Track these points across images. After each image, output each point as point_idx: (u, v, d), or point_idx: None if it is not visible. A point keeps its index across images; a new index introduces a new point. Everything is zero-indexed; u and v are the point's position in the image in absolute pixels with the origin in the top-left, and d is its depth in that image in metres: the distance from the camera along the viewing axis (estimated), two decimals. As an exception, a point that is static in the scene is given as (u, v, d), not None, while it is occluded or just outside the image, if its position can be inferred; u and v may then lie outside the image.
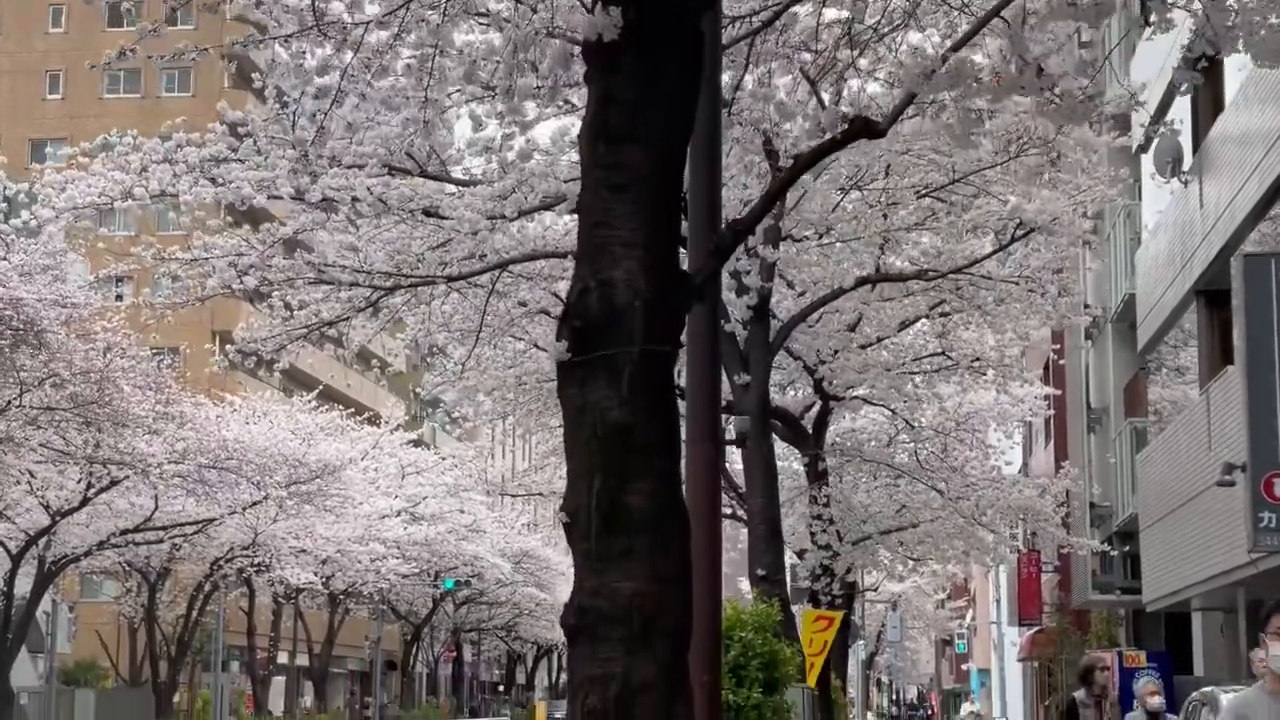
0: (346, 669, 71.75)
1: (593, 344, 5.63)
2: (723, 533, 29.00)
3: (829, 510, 21.90)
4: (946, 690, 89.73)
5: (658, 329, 5.64)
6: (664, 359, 5.68)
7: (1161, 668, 23.14)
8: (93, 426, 32.10)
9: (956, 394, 25.32)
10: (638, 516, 5.56)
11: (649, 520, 5.57)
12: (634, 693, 5.48)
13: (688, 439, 7.85)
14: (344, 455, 43.89)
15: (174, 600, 50.44)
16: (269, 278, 16.42)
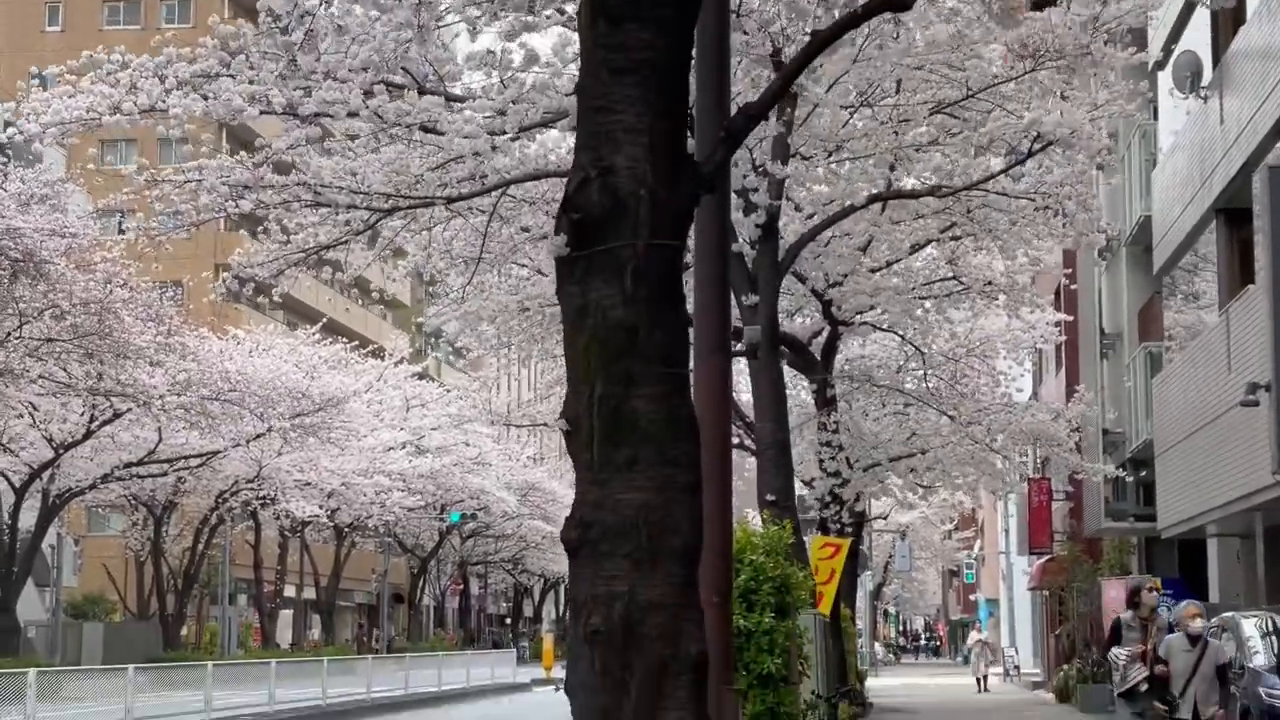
0: (354, 602, 71.73)
1: (594, 237, 5.22)
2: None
3: (838, 437, 21.54)
4: (954, 620, 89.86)
5: (664, 221, 5.22)
6: (671, 254, 5.26)
7: (1177, 595, 22.82)
8: (94, 358, 31.80)
9: (967, 319, 24.94)
10: (643, 423, 5.16)
11: (655, 428, 5.17)
12: (641, 612, 5.11)
13: (695, 350, 7.46)
14: (348, 388, 43.67)
15: (180, 534, 50.36)
16: (264, 200, 16.02)
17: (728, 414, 7.37)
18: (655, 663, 5.11)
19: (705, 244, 6.67)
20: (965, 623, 76.55)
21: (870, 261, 20.30)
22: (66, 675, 23.69)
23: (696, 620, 5.22)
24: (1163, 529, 24.46)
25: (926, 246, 21.04)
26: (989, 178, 15.75)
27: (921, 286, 21.83)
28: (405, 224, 18.55)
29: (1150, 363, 26.07)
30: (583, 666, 5.18)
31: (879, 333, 24.05)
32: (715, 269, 6.72)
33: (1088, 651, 31.06)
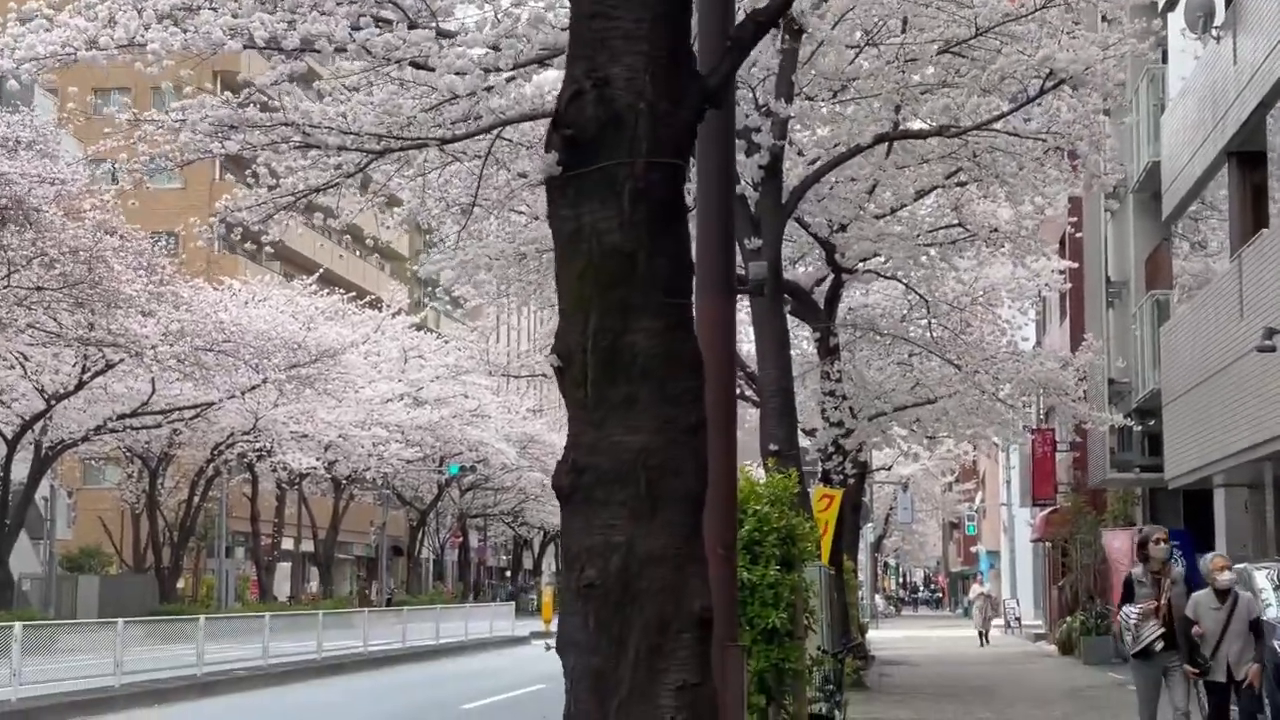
0: (352, 555, 71.55)
1: (588, 155, 4.76)
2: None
3: (841, 386, 21.13)
4: (954, 572, 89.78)
5: (664, 138, 4.77)
6: (672, 174, 4.81)
7: (1184, 545, 22.50)
8: (84, 307, 31.35)
9: (972, 268, 24.51)
10: (642, 359, 4.72)
11: (656, 363, 4.73)
12: (640, 565, 4.69)
13: (698, 286, 7.01)
14: (345, 339, 43.23)
15: (176, 486, 50.07)
16: (251, 142, 15.54)
17: (732, 353, 6.93)
18: (655, 620, 4.69)
19: (708, 171, 6.20)
20: (966, 575, 76.43)
21: (875, 208, 19.88)
22: (56, 629, 23.34)
23: (701, 574, 4.80)
24: (1170, 479, 24.07)
25: (931, 193, 20.58)
26: (998, 117, 15.26)
27: (926, 234, 21.38)
28: (398, 168, 18.10)
29: (1157, 311, 25.63)
30: (575, 623, 4.76)
31: (882, 281, 23.65)
32: (719, 199, 6.26)
33: (1091, 603, 30.80)
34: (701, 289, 6.95)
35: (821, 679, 11.70)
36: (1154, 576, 12.50)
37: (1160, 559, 12.56)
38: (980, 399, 23.26)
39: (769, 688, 9.10)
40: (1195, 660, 12.32)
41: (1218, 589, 12.37)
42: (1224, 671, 12.30)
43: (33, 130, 30.30)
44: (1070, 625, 31.54)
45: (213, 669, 25.40)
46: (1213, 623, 12.32)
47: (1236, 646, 12.29)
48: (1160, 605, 12.35)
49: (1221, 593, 12.36)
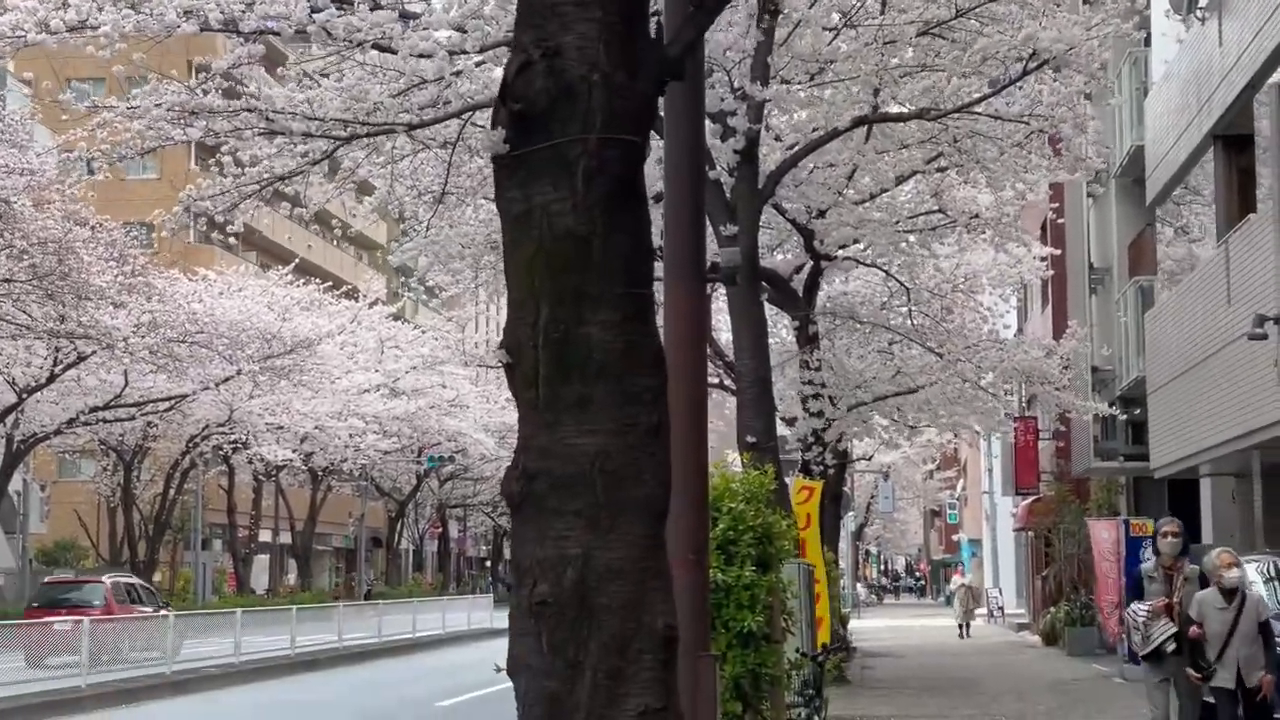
0: (331, 546, 71.09)
1: (538, 131, 4.36)
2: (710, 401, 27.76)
3: (820, 375, 20.74)
4: (935, 560, 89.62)
5: (621, 112, 4.36)
6: (630, 151, 4.40)
7: (1170, 536, 22.15)
8: (54, 299, 30.87)
9: (953, 254, 24.14)
10: (598, 354, 4.32)
11: (613, 358, 4.33)
12: (597, 579, 4.29)
13: (667, 275, 6.61)
14: (320, 329, 42.79)
15: (153, 479, 49.62)
16: (214, 128, 15.11)
17: (703, 346, 6.52)
18: (615, 639, 4.29)
19: (677, 150, 5.80)
20: (948, 562, 76.26)
21: (854, 194, 19.49)
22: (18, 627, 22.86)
23: (663, 588, 4.40)
24: (1155, 468, 23.75)
25: (911, 179, 20.20)
26: (980, 99, 14.86)
27: (906, 220, 21.01)
28: (367, 154, 17.69)
29: (1141, 297, 25.30)
30: (527, 644, 4.35)
31: (862, 269, 23.28)
32: (688, 180, 5.85)
33: (1075, 594, 30.50)
34: (671, 278, 6.54)
35: (801, 683, 11.32)
36: (1165, 572, 11.61)
37: (1171, 554, 11.64)
38: (962, 388, 22.90)
39: (745, 694, 8.72)
40: (1198, 664, 11.41)
41: (1224, 588, 11.35)
42: (1233, 677, 11.29)
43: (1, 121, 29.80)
44: (1054, 616, 31.25)
45: (184, 667, 24.97)
46: (1219, 624, 11.31)
47: (1246, 650, 11.28)
48: (1172, 603, 11.45)
49: (1228, 592, 11.33)
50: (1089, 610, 29.52)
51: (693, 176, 5.76)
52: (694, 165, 5.76)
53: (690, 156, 5.87)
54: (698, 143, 5.94)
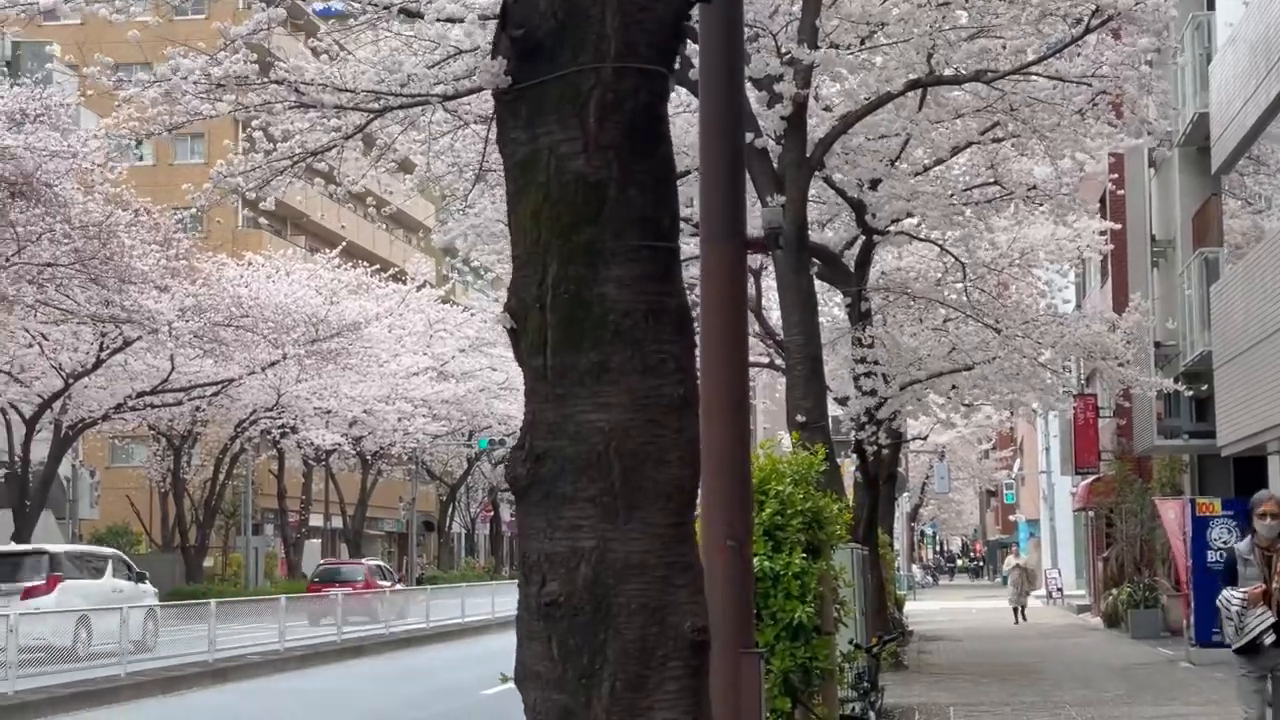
0: (382, 530, 70.93)
1: (543, 61, 3.79)
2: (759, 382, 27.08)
3: (874, 352, 20.09)
4: (992, 540, 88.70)
5: (639, 37, 3.78)
6: (649, 83, 3.82)
7: (1239, 515, 21.41)
8: (98, 284, 30.62)
9: (1010, 227, 23.43)
10: (614, 316, 3.75)
11: (632, 322, 3.76)
12: (615, 576, 3.73)
13: (703, 234, 6.03)
14: (368, 313, 42.48)
15: (203, 464, 49.54)
16: (244, 103, 14.65)
17: (742, 311, 5.92)
18: (635, 645, 3.72)
19: (711, 88, 5.19)
20: (1005, 543, 75.39)
21: (907, 167, 18.86)
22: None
23: (691, 584, 3.82)
24: (1222, 446, 22.97)
25: (966, 150, 19.54)
26: (1040, 59, 14.18)
27: (961, 193, 20.34)
28: (403, 130, 17.21)
29: (1206, 270, 24.47)
30: (536, 651, 3.80)
31: (916, 244, 22.62)
32: (725, 124, 5.25)
33: (1138, 575, 29.78)
34: (706, 237, 5.95)
35: (855, 676, 10.72)
36: (1263, 554, 10.27)
37: (1270, 536, 10.25)
38: (1020, 364, 22.19)
39: (795, 690, 8.14)
40: None
41: None
42: None
43: (41, 103, 29.48)
44: (1117, 597, 30.51)
45: (226, 654, 24.60)
46: None
47: None
48: (1271, 590, 10.14)
49: None
50: (1153, 592, 28.79)
51: (729, 119, 5.16)
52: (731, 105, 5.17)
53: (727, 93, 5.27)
54: (735, 76, 5.34)
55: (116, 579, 27.59)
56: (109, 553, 30.02)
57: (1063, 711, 16.43)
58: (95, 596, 25.41)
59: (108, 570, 27.72)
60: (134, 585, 27.94)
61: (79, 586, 25.66)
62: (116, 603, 24.74)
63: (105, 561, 28.18)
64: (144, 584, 28.61)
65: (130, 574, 28.53)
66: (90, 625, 23.89)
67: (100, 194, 30.15)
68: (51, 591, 24.95)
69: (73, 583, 25.70)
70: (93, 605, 24.55)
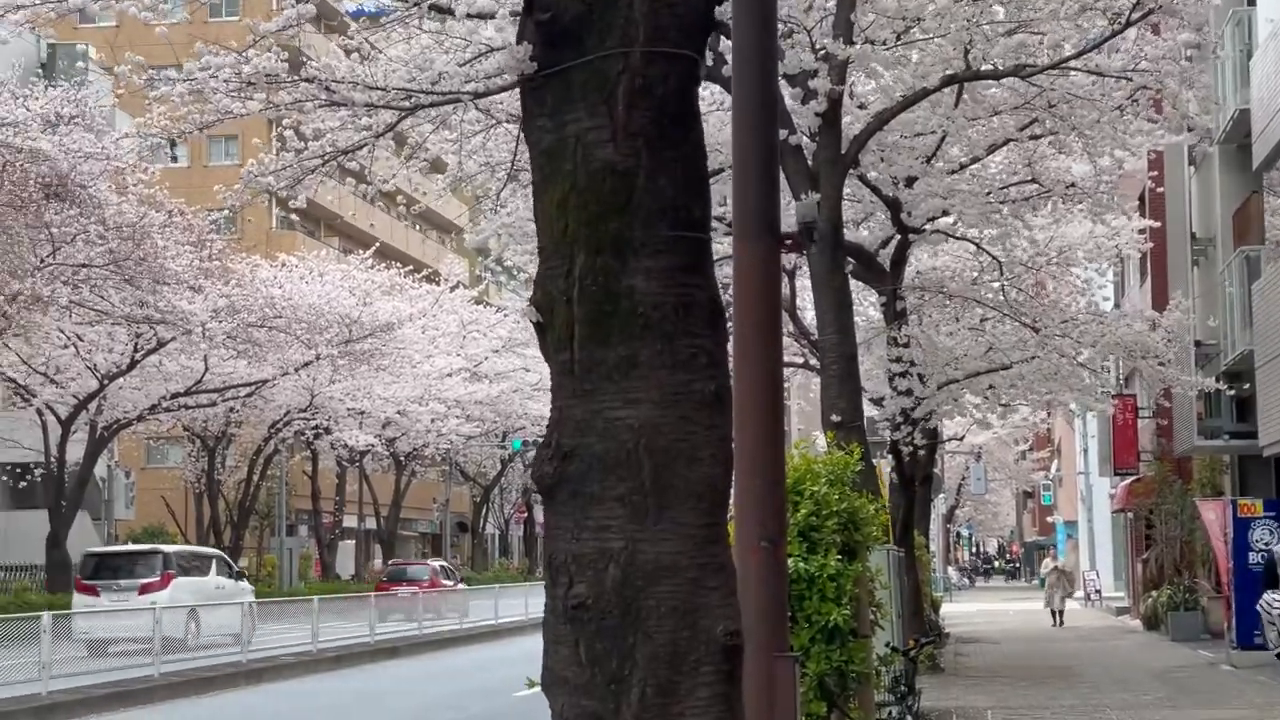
0: (416, 531, 70.93)
1: (570, 46, 3.67)
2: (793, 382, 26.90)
3: (909, 352, 19.91)
4: (1029, 543, 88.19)
5: (669, 21, 3.67)
6: (679, 68, 3.70)
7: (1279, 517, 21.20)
8: (132, 284, 30.66)
9: (1047, 226, 23.20)
10: (644, 309, 3.63)
11: (662, 314, 3.64)
12: (645, 578, 3.61)
13: (735, 229, 5.89)
14: (401, 313, 42.45)
15: (238, 465, 49.57)
16: (274, 101, 14.57)
17: (777, 306, 5.78)
18: (666, 649, 3.61)
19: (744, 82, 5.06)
20: (1042, 545, 74.94)
21: (943, 165, 18.68)
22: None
23: (724, 586, 3.70)
24: (1264, 446, 22.70)
25: (1003, 148, 19.35)
26: (1080, 53, 13.98)
27: (998, 191, 20.14)
28: (435, 129, 17.12)
29: (1248, 268, 24.18)
30: (563, 655, 3.69)
31: (952, 243, 22.43)
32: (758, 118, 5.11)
33: (1178, 577, 29.49)
34: (739, 233, 5.81)
35: (891, 680, 10.57)
36: None
37: None
38: (1059, 363, 21.96)
39: (831, 694, 8.00)
40: None
41: None
42: None
43: (75, 105, 29.52)
44: (1157, 600, 30.21)
45: (259, 655, 24.57)
46: None
47: None
48: None
49: None
50: (1193, 594, 28.50)
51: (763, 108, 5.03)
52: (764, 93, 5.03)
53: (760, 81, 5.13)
54: (768, 63, 5.21)
55: (219, 576, 29.82)
56: (212, 552, 32.72)
57: (1102, 715, 16.22)
58: (202, 593, 27.66)
59: (211, 568, 29.95)
60: (234, 582, 30.03)
61: (188, 583, 27.97)
62: (219, 598, 27.42)
63: (209, 560, 30.56)
64: (242, 581, 30.82)
65: (230, 572, 30.85)
66: (199, 618, 25.81)
67: (134, 195, 30.18)
68: (166, 587, 27.06)
69: (183, 579, 28.01)
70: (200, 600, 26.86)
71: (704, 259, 3.76)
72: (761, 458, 5.93)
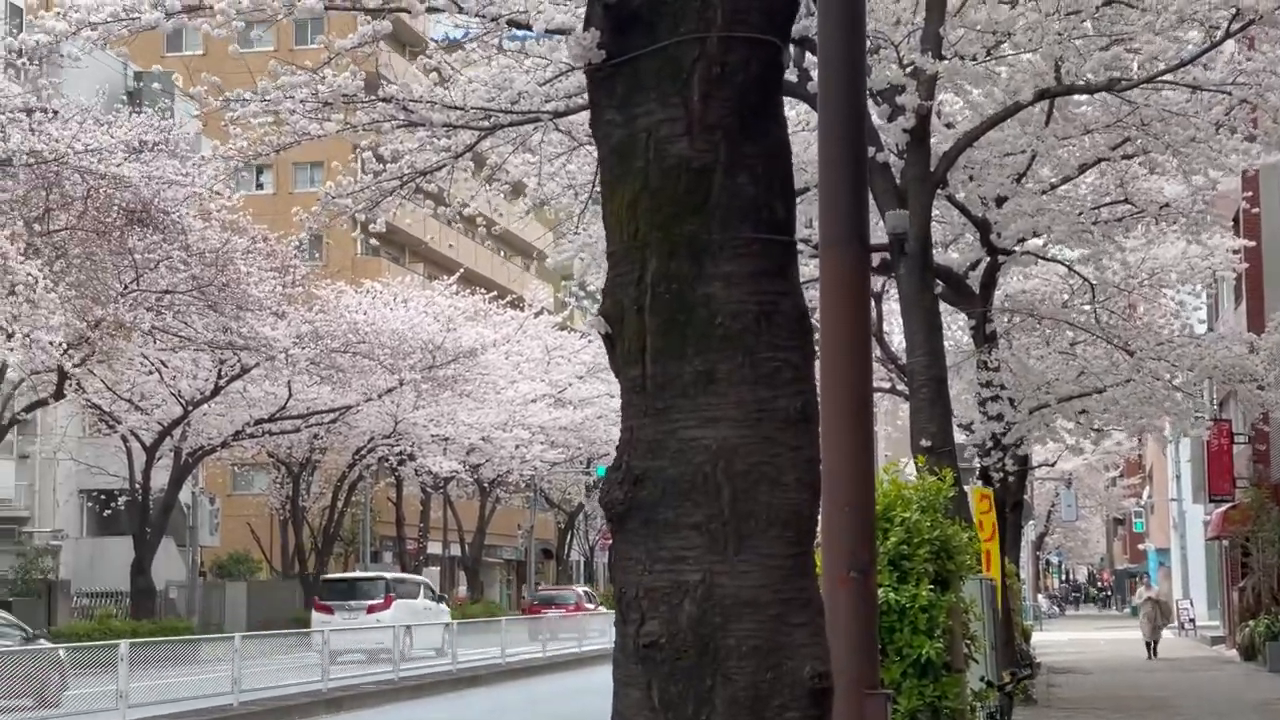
0: (501, 558, 70.78)
1: (641, 33, 3.37)
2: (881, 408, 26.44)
3: (999, 376, 19.45)
4: (1119, 570, 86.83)
5: (749, 2, 3.36)
6: (762, 55, 3.39)
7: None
8: (215, 310, 30.73)
9: (1140, 247, 22.67)
10: (723, 318, 3.32)
11: (742, 325, 3.32)
12: (723, 613, 3.28)
13: (821, 240, 5.56)
14: (485, 339, 42.39)
15: (322, 492, 49.65)
16: (350, 121, 14.41)
17: (866, 322, 5.44)
18: (747, 692, 3.28)
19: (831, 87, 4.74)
20: (1132, 572, 73.75)
21: (1034, 185, 18.28)
22: (168, 644, 22.61)
23: (810, 623, 3.36)
24: (1367, 472, 21.98)
25: (1094, 166, 18.91)
26: (1176, 66, 13.51)
27: (1089, 211, 19.68)
28: (514, 150, 16.90)
29: (1349, 287, 23.49)
30: (634, 699, 3.36)
31: (1042, 265, 21.99)
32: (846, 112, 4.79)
33: (1276, 606, 28.71)
34: (824, 240, 5.48)
35: (987, 716, 10.14)
36: None
37: None
38: (1154, 386, 21.39)
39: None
40: None
41: None
42: None
43: (159, 131, 29.63)
44: (1254, 629, 29.42)
45: (339, 684, 24.40)
46: None
47: None
48: None
49: None
50: (1292, 623, 27.75)
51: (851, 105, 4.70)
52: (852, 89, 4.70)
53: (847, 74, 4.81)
54: (856, 77, 4.88)
55: (425, 599, 35.75)
56: (420, 579, 39.36)
57: (1202, 750, 15.66)
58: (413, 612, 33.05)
59: (420, 592, 36.15)
60: (436, 605, 35.42)
61: (404, 604, 33.79)
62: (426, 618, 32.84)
63: (418, 586, 37.10)
64: (442, 604, 35.94)
65: (433, 596, 36.77)
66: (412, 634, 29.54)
67: (217, 220, 30.26)
68: (389, 608, 33.02)
69: (401, 601, 33.85)
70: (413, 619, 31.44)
71: (789, 264, 3.43)
72: (850, 482, 5.59)
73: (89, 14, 10.63)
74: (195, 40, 56.95)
